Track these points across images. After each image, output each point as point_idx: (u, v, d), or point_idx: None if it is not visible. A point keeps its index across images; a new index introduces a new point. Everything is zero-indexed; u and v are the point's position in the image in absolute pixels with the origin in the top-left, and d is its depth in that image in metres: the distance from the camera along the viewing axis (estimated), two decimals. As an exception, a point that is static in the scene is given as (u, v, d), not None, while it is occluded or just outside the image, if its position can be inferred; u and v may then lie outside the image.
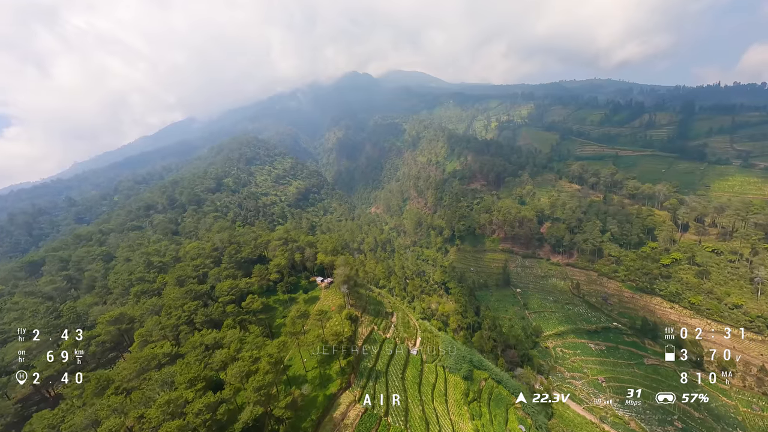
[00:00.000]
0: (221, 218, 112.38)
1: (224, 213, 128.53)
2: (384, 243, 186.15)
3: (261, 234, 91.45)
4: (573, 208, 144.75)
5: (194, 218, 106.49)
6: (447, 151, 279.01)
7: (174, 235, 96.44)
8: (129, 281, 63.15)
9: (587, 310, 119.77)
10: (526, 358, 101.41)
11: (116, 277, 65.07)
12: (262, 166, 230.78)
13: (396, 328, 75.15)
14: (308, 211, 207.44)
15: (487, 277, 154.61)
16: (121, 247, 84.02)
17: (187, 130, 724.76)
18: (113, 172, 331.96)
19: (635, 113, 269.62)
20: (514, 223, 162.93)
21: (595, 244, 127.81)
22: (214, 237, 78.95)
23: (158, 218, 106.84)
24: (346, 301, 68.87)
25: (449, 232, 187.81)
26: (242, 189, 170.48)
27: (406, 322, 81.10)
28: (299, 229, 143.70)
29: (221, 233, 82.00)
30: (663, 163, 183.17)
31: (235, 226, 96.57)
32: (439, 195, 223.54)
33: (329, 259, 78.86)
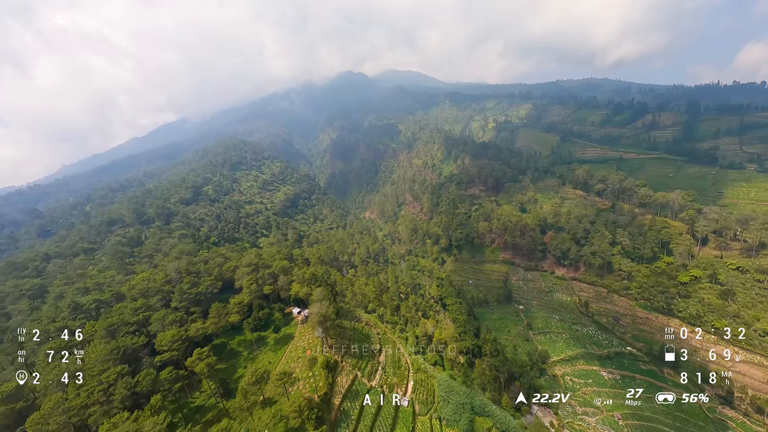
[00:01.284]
0: (188, 237, 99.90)
1: (197, 228, 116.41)
2: (377, 254, 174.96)
3: (230, 256, 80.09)
4: (579, 217, 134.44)
5: (156, 238, 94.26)
6: (443, 154, 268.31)
7: (131, 258, 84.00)
8: (45, 332, 50.98)
9: (597, 332, 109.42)
10: (532, 390, 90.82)
11: (31, 327, 52.72)
12: (249, 171, 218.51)
13: (384, 371, 64.04)
14: (297, 219, 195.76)
15: (487, 291, 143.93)
16: (59, 279, 71.60)
17: (179, 131, 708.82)
18: (95, 177, 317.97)
19: (637, 113, 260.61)
20: (515, 232, 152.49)
21: (604, 258, 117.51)
22: (168, 265, 67.00)
23: (114, 238, 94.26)
24: (322, 347, 57.69)
25: (446, 240, 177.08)
26: (223, 198, 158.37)
27: (396, 359, 70.03)
28: (282, 243, 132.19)
29: (179, 260, 70.35)
30: (670, 167, 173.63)
31: (200, 250, 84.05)
32: (435, 200, 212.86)
33: (305, 291, 67.60)
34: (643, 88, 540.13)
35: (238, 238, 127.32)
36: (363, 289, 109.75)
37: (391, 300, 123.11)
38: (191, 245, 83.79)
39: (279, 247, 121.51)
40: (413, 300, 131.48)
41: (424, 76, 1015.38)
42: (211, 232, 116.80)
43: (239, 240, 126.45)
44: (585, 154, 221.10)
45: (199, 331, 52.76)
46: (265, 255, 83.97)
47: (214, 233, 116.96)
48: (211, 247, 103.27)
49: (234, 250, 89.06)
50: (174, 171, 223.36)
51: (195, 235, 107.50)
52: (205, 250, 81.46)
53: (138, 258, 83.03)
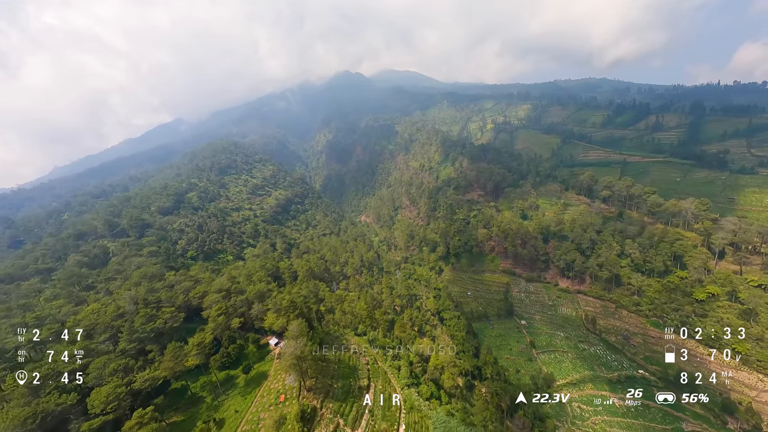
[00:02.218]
0: (161, 253, 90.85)
1: (173, 242, 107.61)
2: (371, 262, 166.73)
3: (202, 278, 71.93)
4: (584, 225, 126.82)
5: (121, 256, 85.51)
6: (441, 156, 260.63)
7: (88, 282, 74.79)
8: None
9: (606, 352, 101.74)
10: (537, 419, 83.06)
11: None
12: (238, 175, 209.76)
13: (371, 415, 55.92)
14: (288, 226, 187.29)
15: (487, 304, 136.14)
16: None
17: (174, 132, 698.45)
18: (83, 180, 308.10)
19: (640, 115, 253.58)
20: (515, 241, 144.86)
21: (612, 271, 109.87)
22: (123, 294, 58.42)
23: (73, 258, 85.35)
24: (299, 391, 49.49)
25: (444, 248, 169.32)
26: (208, 205, 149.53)
27: (387, 397, 61.94)
28: (269, 255, 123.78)
29: (138, 286, 62.04)
30: (677, 171, 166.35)
31: (169, 272, 74.86)
32: (432, 205, 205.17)
33: (281, 322, 59.46)
34: (642, 88, 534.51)
35: (220, 250, 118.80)
36: (353, 306, 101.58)
37: (384, 316, 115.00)
38: (157, 266, 75.20)
39: (264, 261, 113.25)
40: (408, 315, 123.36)
41: (421, 76, 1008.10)
42: (190, 245, 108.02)
43: (222, 253, 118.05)
44: (587, 156, 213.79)
45: (147, 382, 44.37)
46: (242, 276, 75.50)
47: (193, 246, 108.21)
48: (188, 264, 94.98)
49: (208, 269, 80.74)
50: (161, 175, 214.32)
51: (170, 250, 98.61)
52: (173, 273, 73.07)
53: (97, 282, 73.97)
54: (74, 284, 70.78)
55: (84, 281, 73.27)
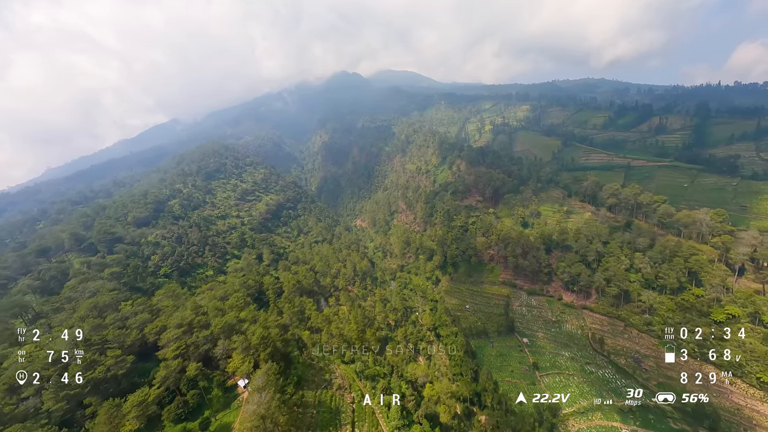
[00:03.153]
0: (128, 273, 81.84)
1: (145, 258, 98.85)
2: (365, 273, 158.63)
3: (164, 306, 63.55)
4: (589, 236, 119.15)
5: (78, 279, 76.31)
6: (438, 159, 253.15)
7: (33, 315, 65.01)
8: None
9: (615, 375, 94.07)
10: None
11: None
12: (227, 179, 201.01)
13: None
14: (278, 234, 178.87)
15: (486, 318, 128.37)
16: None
17: (170, 132, 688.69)
18: (70, 184, 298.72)
19: (642, 116, 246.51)
20: (516, 251, 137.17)
21: (620, 287, 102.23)
22: (57, 338, 49.12)
23: (24, 282, 76.45)
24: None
25: (441, 257, 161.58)
26: (191, 213, 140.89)
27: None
28: (253, 268, 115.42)
29: (83, 322, 53.37)
30: (684, 176, 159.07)
31: (126, 300, 65.17)
32: (429, 210, 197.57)
33: (246, 368, 51.12)
34: (642, 88, 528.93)
35: (200, 264, 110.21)
36: (342, 327, 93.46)
37: (378, 332, 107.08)
38: (113, 294, 66.27)
39: (246, 277, 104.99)
40: (402, 333, 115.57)
41: (419, 76, 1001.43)
42: (164, 260, 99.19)
43: (201, 267, 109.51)
44: (589, 160, 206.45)
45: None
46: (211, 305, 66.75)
47: (168, 262, 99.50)
48: (160, 283, 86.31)
49: (173, 295, 71.86)
50: (147, 180, 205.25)
51: (139, 268, 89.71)
52: (130, 303, 64.30)
53: (44, 314, 64.65)
54: (18, 315, 61.76)
55: (30, 312, 64.13)
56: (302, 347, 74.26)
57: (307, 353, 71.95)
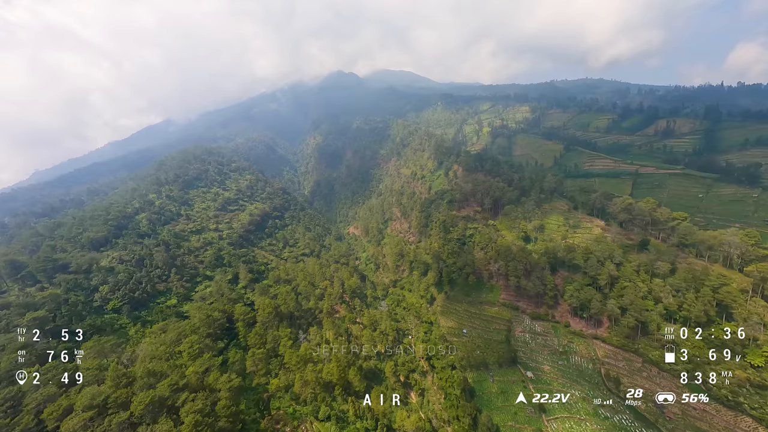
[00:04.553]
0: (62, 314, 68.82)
1: (91, 289, 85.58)
2: (354, 291, 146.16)
3: (88, 367, 50.97)
4: (600, 257, 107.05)
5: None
6: (434, 164, 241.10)
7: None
8: None
9: (633, 423, 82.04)
10: None
11: None
12: (208, 188, 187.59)
13: None
14: (261, 247, 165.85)
15: (486, 346, 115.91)
16: None
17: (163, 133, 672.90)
18: (47, 190, 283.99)
19: (648, 119, 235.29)
20: (518, 269, 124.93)
21: (638, 318, 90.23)
22: None
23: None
24: None
25: (436, 274, 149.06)
26: (161, 229, 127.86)
27: None
28: (224, 295, 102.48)
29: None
30: (699, 186, 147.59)
31: (41, 356, 52.00)
32: (424, 219, 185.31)
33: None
34: (642, 88, 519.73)
35: (161, 292, 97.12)
36: (320, 371, 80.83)
37: (362, 371, 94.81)
38: (12, 358, 53.23)
39: (212, 308, 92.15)
40: (391, 367, 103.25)
41: (416, 76, 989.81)
42: (116, 291, 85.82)
43: (163, 295, 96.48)
44: (593, 166, 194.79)
45: None
46: (142, 368, 53.67)
47: (120, 292, 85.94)
48: (101, 324, 73.09)
49: (100, 351, 58.81)
50: (124, 187, 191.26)
51: (80, 304, 76.46)
52: (34, 369, 51.31)
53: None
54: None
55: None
56: (265, 408, 61.60)
57: (270, 420, 59.21)
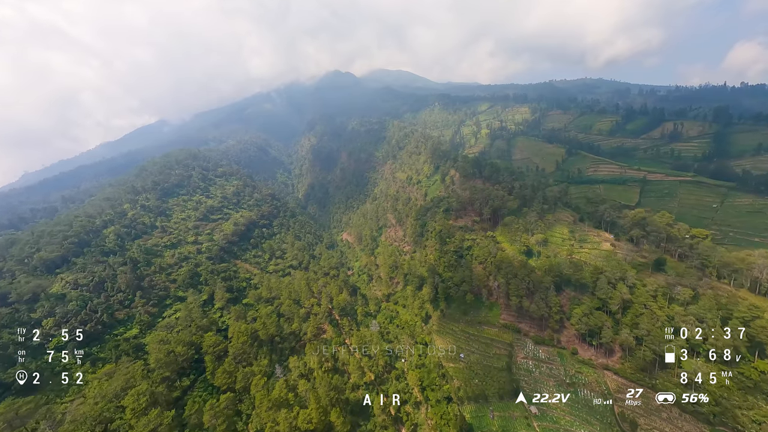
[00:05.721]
0: None
1: (32, 324, 74.00)
2: (344, 309, 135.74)
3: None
4: (612, 277, 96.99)
5: None
6: (431, 168, 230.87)
7: None
8: None
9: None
10: None
11: None
12: (190, 195, 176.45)
13: None
14: (245, 259, 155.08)
15: (485, 374, 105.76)
16: None
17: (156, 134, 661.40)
18: (25, 196, 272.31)
19: (654, 121, 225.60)
20: (520, 289, 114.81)
21: (656, 351, 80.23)
22: None
23: None
24: None
25: (431, 289, 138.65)
26: (130, 244, 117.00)
27: None
28: (193, 322, 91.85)
29: None
30: (712, 195, 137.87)
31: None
32: (419, 228, 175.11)
33: None
34: (643, 89, 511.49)
35: (121, 321, 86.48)
36: (297, 417, 70.39)
37: (344, 415, 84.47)
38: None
39: (177, 339, 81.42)
40: (379, 404, 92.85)
41: (414, 76, 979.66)
42: (63, 325, 74.77)
43: (123, 324, 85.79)
44: (598, 171, 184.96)
45: None
46: None
47: (69, 324, 74.92)
48: (41, 366, 62.60)
49: (11, 422, 48.42)
50: (102, 194, 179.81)
51: (9, 346, 65.26)
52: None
53: None
54: None
55: None
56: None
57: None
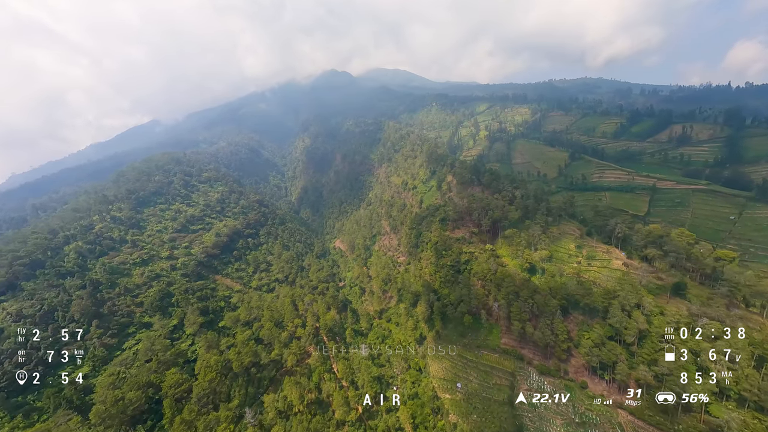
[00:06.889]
0: None
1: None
2: (331, 330, 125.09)
3: None
4: (626, 303, 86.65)
5: None
6: (427, 173, 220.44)
7: None
8: None
9: None
10: None
11: None
12: (168, 204, 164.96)
13: None
14: (226, 274, 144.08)
15: (484, 409, 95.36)
16: None
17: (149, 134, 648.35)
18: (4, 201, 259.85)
19: (661, 123, 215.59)
20: (522, 310, 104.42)
21: (681, 395, 69.86)
22: None
23: None
24: None
25: (426, 307, 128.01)
26: (93, 263, 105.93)
27: None
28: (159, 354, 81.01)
29: None
30: (728, 206, 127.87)
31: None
32: (414, 239, 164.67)
33: None
34: (645, 89, 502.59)
35: (69, 358, 75.19)
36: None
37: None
38: None
39: (132, 381, 70.45)
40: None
41: (411, 75, 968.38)
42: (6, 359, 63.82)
43: (72, 362, 74.85)
44: (603, 178, 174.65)
45: None
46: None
47: (2, 368, 63.89)
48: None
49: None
50: (73, 204, 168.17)
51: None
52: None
53: None
54: None
55: None
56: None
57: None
